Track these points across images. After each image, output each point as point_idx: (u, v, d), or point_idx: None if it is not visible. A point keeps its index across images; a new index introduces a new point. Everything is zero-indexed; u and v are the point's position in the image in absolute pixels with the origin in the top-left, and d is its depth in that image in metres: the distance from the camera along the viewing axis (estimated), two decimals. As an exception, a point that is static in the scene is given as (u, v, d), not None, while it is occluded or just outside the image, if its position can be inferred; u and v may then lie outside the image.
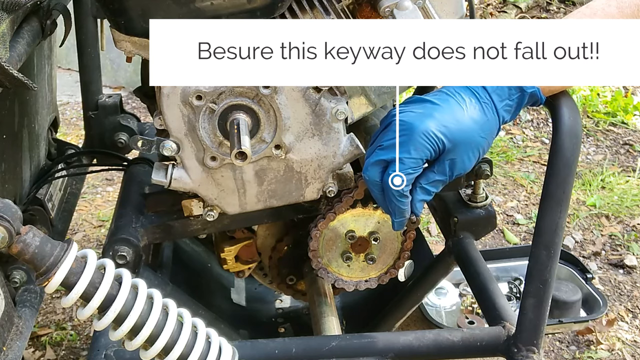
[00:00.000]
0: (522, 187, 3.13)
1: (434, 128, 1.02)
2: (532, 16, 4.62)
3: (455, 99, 1.04)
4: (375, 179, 1.07)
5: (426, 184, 1.07)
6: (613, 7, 1.03)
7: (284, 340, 1.23)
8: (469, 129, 1.04)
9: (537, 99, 1.07)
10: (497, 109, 1.05)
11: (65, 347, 2.27)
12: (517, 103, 1.06)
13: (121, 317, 0.89)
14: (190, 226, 1.32)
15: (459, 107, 1.04)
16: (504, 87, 1.04)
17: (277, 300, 1.90)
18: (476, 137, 1.04)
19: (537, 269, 1.12)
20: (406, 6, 1.05)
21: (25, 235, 0.85)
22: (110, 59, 4.01)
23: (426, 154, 1.04)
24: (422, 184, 1.07)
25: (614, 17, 1.03)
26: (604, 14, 1.04)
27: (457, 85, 1.05)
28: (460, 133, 1.03)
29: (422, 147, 1.03)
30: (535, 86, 1.05)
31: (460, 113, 1.04)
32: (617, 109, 3.69)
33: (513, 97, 1.05)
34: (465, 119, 1.03)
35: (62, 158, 1.77)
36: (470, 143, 1.04)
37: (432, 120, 1.03)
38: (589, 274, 2.11)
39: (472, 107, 1.04)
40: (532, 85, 1.04)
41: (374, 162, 1.07)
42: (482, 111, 1.04)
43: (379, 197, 1.10)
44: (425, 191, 1.08)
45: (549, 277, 1.12)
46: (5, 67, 1.04)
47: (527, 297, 1.14)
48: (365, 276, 1.39)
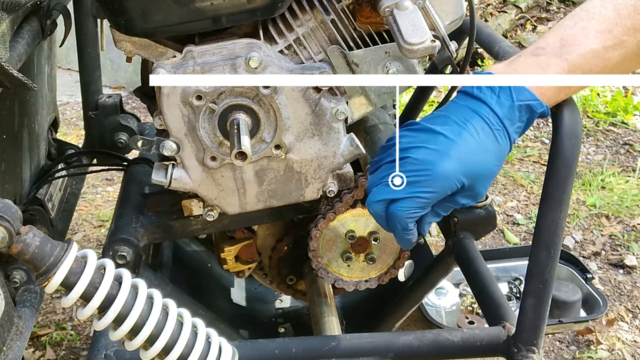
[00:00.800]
0: (522, 187, 3.13)
1: (455, 170, 0.99)
2: (532, 16, 4.62)
3: (468, 131, 1.00)
4: (381, 214, 1.04)
5: (437, 208, 1.05)
6: (609, 10, 1.01)
7: (284, 340, 1.23)
8: (486, 161, 1.01)
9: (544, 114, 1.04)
10: (509, 134, 1.02)
11: (65, 347, 2.26)
12: (526, 123, 1.03)
13: (121, 317, 0.89)
14: (190, 226, 1.32)
15: (473, 141, 1.00)
16: (514, 110, 1.01)
17: (277, 300, 1.90)
18: (492, 168, 1.02)
19: (537, 269, 1.12)
20: (406, 6, 1.05)
21: (25, 235, 0.85)
22: (110, 59, 4.01)
23: (441, 196, 1.01)
24: (433, 208, 1.05)
25: (611, 19, 1.01)
26: (600, 16, 1.01)
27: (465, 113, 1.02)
28: (478, 168, 1.01)
29: (441, 189, 1.00)
30: (545, 105, 1.02)
31: (476, 147, 1.00)
32: (617, 109, 3.69)
33: (523, 118, 1.02)
34: (481, 153, 1.00)
35: (62, 158, 1.77)
36: (486, 175, 1.02)
37: (451, 161, 0.99)
38: (589, 274, 2.11)
39: (485, 136, 1.00)
40: (540, 103, 1.02)
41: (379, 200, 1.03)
42: (495, 139, 1.01)
43: (384, 225, 1.07)
44: (435, 214, 1.05)
45: (549, 277, 1.12)
46: (5, 67, 1.04)
47: (527, 297, 1.14)
48: (365, 276, 1.39)
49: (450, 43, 1.13)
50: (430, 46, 1.01)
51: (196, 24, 1.08)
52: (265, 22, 1.15)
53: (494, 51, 1.34)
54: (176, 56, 1.11)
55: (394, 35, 1.04)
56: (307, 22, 1.13)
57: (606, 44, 1.01)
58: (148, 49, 1.12)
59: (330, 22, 1.13)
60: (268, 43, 1.13)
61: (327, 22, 1.13)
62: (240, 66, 1.10)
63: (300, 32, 1.14)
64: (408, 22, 1.03)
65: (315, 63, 1.15)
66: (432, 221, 1.07)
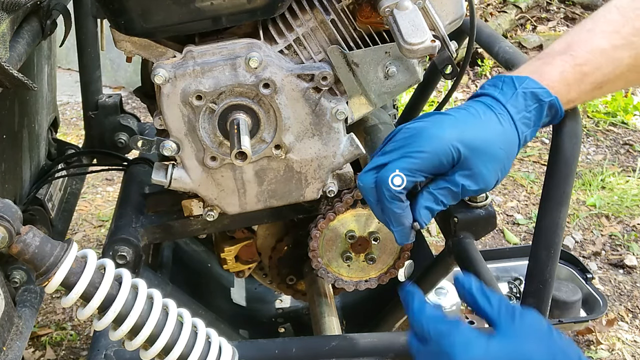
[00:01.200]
0: (522, 187, 3.13)
1: (449, 134, 0.92)
2: (532, 16, 4.62)
3: (468, 111, 0.96)
4: (370, 185, 0.96)
5: (434, 189, 0.96)
6: (614, 14, 1.00)
7: (284, 340, 1.23)
8: (486, 137, 0.94)
9: (557, 110, 0.99)
10: (514, 121, 0.96)
11: (65, 347, 2.27)
12: (535, 115, 0.97)
13: (121, 317, 0.89)
14: (190, 226, 1.32)
15: (472, 117, 0.95)
16: (517, 96, 0.96)
17: (277, 300, 1.90)
18: (495, 148, 0.94)
19: (537, 269, 1.12)
20: (406, 6, 1.05)
21: (25, 235, 0.85)
22: (110, 59, 4.01)
23: (434, 162, 0.93)
24: (430, 189, 0.96)
25: (617, 21, 1.00)
26: (605, 20, 1.00)
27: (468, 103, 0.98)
28: (477, 141, 0.93)
29: (433, 150, 0.92)
30: (553, 95, 0.97)
31: (475, 121, 0.95)
32: (617, 109, 3.69)
33: (530, 107, 0.97)
34: (482, 128, 0.94)
35: (62, 158, 1.78)
36: (488, 153, 0.94)
37: (445, 127, 0.93)
38: (589, 274, 2.11)
39: (486, 117, 0.95)
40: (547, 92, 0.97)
41: (369, 168, 0.96)
42: (498, 121, 0.95)
43: (374, 206, 0.98)
44: (432, 197, 0.96)
45: (549, 277, 1.12)
46: (5, 67, 1.04)
47: (527, 297, 1.14)
48: (365, 276, 1.39)
49: (450, 43, 1.13)
50: (430, 46, 1.01)
51: (196, 24, 1.08)
52: (265, 22, 1.15)
53: (494, 51, 1.34)
54: (176, 56, 1.11)
55: (394, 35, 1.04)
56: (307, 22, 1.13)
57: (614, 43, 0.99)
58: (148, 49, 1.12)
59: (330, 22, 1.13)
60: (268, 43, 1.13)
61: (327, 22, 1.13)
62: (240, 66, 1.10)
63: (300, 32, 1.14)
64: (408, 22, 1.03)
65: (315, 63, 1.15)
66: (429, 207, 0.96)
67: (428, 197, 0.96)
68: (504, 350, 0.77)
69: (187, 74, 1.10)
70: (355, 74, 1.16)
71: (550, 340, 0.78)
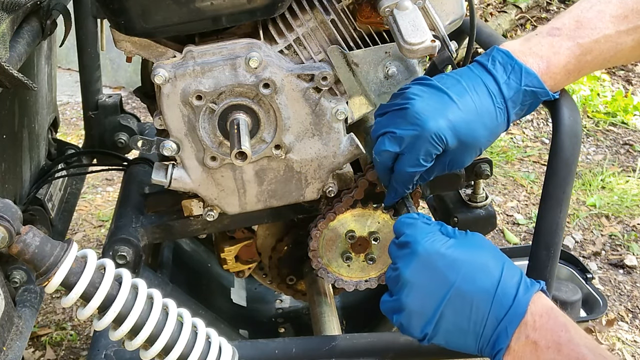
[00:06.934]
0: (522, 187, 3.13)
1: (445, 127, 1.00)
2: (532, 16, 4.62)
3: (472, 98, 1.02)
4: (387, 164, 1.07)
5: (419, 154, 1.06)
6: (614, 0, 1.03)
7: (284, 340, 1.23)
8: (478, 135, 1.02)
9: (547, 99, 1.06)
10: (509, 115, 1.04)
11: (65, 347, 2.27)
12: (528, 108, 1.06)
13: (121, 317, 0.89)
14: (190, 226, 1.32)
15: (474, 109, 1.02)
16: (519, 93, 1.03)
17: (277, 300, 1.90)
18: (482, 141, 1.03)
19: (537, 269, 1.12)
20: (406, 6, 1.05)
21: (25, 235, 0.85)
22: (110, 59, 4.01)
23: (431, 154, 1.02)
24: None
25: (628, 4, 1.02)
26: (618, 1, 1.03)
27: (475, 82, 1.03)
28: (468, 137, 1.02)
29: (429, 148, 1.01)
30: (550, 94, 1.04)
31: (474, 116, 1.01)
32: (617, 109, 3.69)
33: (526, 103, 1.04)
34: (477, 124, 1.02)
35: (62, 158, 1.78)
36: (474, 147, 1.04)
37: (444, 120, 1.00)
38: (589, 274, 2.11)
39: (486, 111, 1.02)
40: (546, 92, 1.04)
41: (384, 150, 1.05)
42: (495, 116, 1.03)
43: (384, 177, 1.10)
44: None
45: (549, 277, 1.11)
46: (5, 67, 1.04)
47: (527, 297, 1.14)
48: (365, 276, 1.39)
49: (450, 43, 1.13)
50: (430, 46, 1.01)
51: (196, 24, 1.08)
52: (265, 22, 1.15)
53: (494, 51, 1.34)
54: (176, 56, 1.11)
55: (394, 35, 1.04)
56: (307, 22, 1.13)
57: (620, 29, 1.02)
58: (148, 49, 1.12)
59: (330, 22, 1.13)
60: (268, 43, 1.13)
61: (327, 22, 1.13)
62: (240, 66, 1.10)
63: (300, 32, 1.14)
64: (408, 22, 1.03)
65: (315, 63, 1.15)
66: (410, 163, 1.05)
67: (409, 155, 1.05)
68: (460, 244, 0.96)
69: (187, 74, 1.11)
70: (355, 74, 1.16)
71: (496, 250, 0.98)
